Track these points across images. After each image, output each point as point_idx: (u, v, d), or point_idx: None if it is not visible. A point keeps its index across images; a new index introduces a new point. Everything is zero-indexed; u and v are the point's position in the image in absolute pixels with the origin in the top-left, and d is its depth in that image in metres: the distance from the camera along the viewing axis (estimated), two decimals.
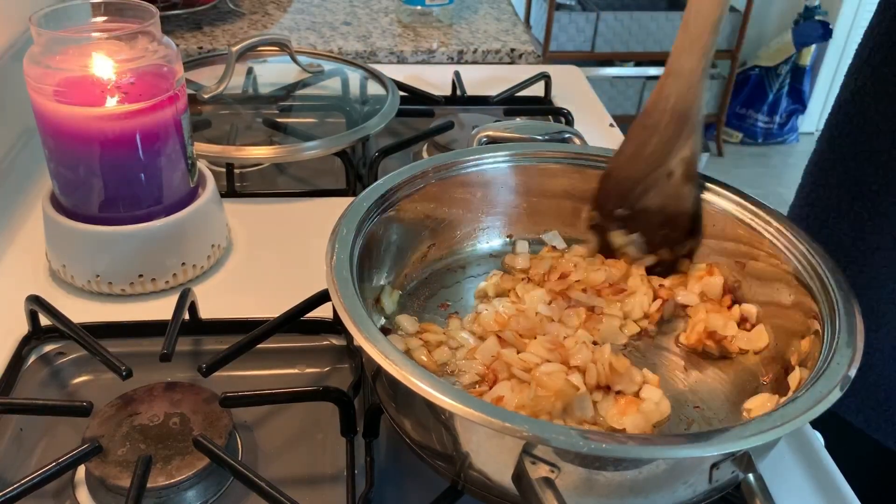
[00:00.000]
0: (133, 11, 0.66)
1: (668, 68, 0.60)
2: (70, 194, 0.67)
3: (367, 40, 1.29)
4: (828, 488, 0.56)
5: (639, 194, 0.63)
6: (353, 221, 0.56)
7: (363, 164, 0.93)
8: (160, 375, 0.60)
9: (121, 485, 0.49)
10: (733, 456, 0.42)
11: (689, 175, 0.62)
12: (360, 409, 0.58)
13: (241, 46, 0.93)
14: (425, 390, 0.42)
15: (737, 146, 3.60)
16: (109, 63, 0.63)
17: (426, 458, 0.49)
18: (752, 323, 0.60)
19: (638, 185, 0.63)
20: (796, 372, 0.53)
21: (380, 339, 0.45)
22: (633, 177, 0.63)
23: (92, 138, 0.63)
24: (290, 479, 0.54)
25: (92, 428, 0.53)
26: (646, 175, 0.62)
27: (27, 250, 0.75)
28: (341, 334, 0.65)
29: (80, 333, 0.58)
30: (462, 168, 0.65)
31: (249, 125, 0.96)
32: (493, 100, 1.07)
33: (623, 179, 0.64)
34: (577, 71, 1.23)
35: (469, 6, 1.47)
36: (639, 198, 0.63)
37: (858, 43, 0.79)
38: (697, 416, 0.55)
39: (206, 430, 0.53)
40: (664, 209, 0.62)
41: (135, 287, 0.69)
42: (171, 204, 0.69)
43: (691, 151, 0.61)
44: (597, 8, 3.14)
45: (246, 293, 0.71)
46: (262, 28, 1.33)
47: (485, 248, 0.69)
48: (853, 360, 0.46)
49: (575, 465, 0.41)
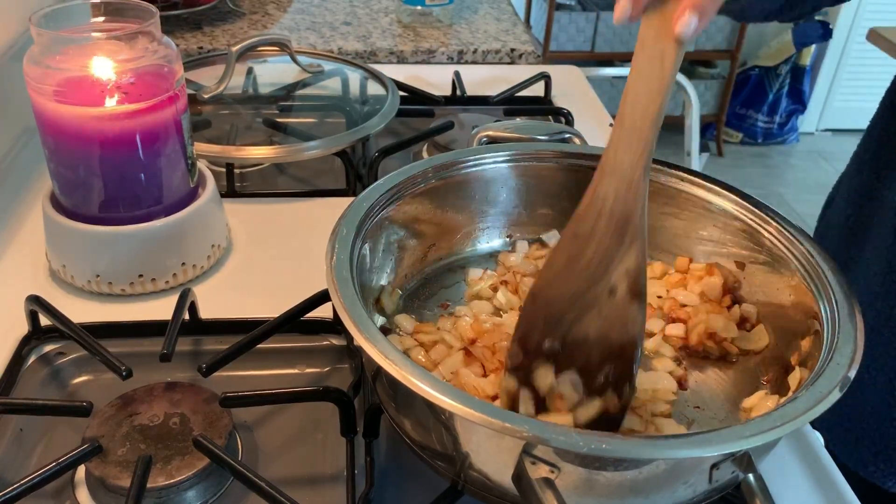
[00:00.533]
0: (133, 11, 0.66)
1: (603, 166, 0.51)
2: (70, 194, 0.67)
3: (367, 40, 1.29)
4: (828, 488, 0.56)
5: (572, 319, 0.50)
6: (354, 221, 0.56)
7: (363, 164, 0.93)
8: (160, 375, 0.60)
9: (121, 485, 0.49)
10: (733, 456, 0.42)
11: (635, 291, 0.50)
12: (360, 409, 0.58)
13: (241, 46, 0.93)
14: (425, 391, 0.42)
15: (737, 146, 3.60)
16: (109, 63, 0.63)
17: (426, 458, 0.49)
18: (752, 323, 0.60)
19: (571, 308, 0.50)
20: (796, 372, 0.53)
21: (380, 339, 0.45)
22: (564, 296, 0.51)
23: (92, 138, 0.63)
24: (290, 479, 0.54)
25: (92, 428, 0.53)
26: (581, 294, 0.50)
27: (27, 250, 0.75)
28: (341, 334, 0.65)
29: (80, 333, 0.58)
30: (462, 168, 0.65)
31: (249, 125, 0.96)
32: (493, 100, 1.07)
33: (552, 301, 0.51)
34: (577, 71, 1.23)
35: (469, 6, 1.47)
36: (572, 324, 0.50)
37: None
38: (697, 417, 0.55)
39: (206, 430, 0.53)
40: (606, 337, 0.50)
41: (135, 287, 0.69)
42: (171, 204, 0.69)
43: (636, 262, 0.50)
44: (597, 8, 3.14)
45: (246, 293, 0.71)
46: (262, 28, 1.33)
47: (485, 247, 0.69)
48: (853, 360, 0.46)
49: (575, 466, 0.41)
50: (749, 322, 0.60)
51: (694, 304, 0.62)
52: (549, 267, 0.52)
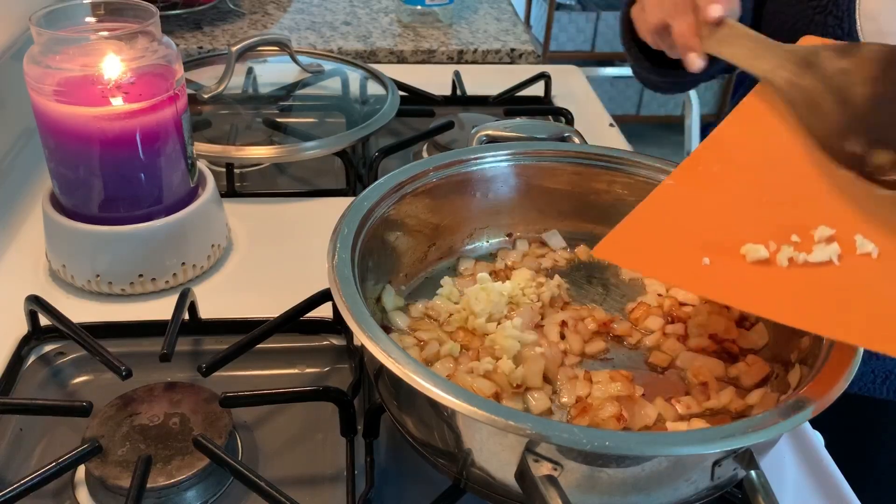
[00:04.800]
0: (133, 11, 0.66)
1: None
2: (70, 194, 0.67)
3: (367, 40, 1.29)
4: (828, 488, 0.56)
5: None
6: (355, 221, 0.56)
7: (363, 164, 0.93)
8: (160, 375, 0.59)
9: (121, 485, 0.49)
10: (735, 453, 0.42)
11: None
12: (360, 409, 0.58)
13: (240, 46, 0.93)
14: (428, 388, 0.42)
15: None
16: (109, 63, 0.63)
17: (428, 456, 0.49)
18: (752, 322, 0.60)
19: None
20: (796, 369, 0.53)
21: (382, 337, 0.45)
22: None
23: (92, 138, 0.63)
24: (290, 479, 0.54)
25: (92, 428, 0.53)
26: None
27: (27, 250, 0.75)
28: (341, 334, 0.65)
29: (80, 333, 0.58)
30: (462, 167, 0.65)
31: (249, 125, 0.96)
32: (493, 100, 1.07)
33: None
34: (577, 71, 1.23)
35: (469, 6, 1.47)
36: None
37: None
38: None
39: (206, 430, 0.53)
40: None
41: (135, 287, 0.69)
42: (171, 204, 0.69)
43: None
44: (597, 8, 3.14)
45: (246, 293, 0.71)
46: (262, 28, 1.33)
47: (485, 247, 0.69)
48: (854, 357, 0.46)
49: (578, 463, 0.41)
50: (749, 320, 0.60)
51: (694, 303, 0.62)
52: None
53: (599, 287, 0.66)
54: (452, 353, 0.57)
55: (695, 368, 0.56)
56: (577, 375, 0.55)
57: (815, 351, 0.50)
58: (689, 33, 0.63)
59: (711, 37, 0.62)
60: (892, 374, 0.79)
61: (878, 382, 0.80)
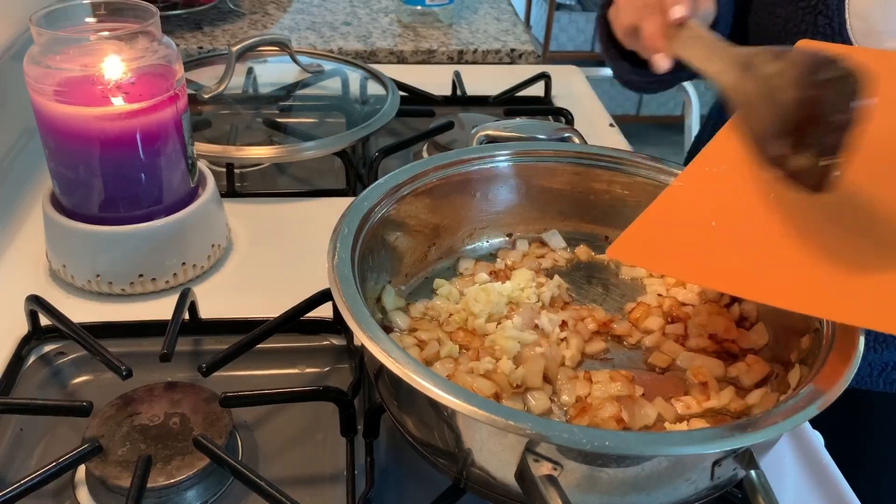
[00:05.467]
0: (133, 11, 0.66)
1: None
2: (70, 194, 0.67)
3: (367, 40, 1.29)
4: (828, 488, 0.56)
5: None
6: (355, 221, 0.56)
7: (363, 164, 0.93)
8: (160, 375, 0.59)
9: (121, 485, 0.49)
10: (735, 453, 0.42)
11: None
12: (360, 409, 0.58)
13: (241, 46, 0.93)
14: (428, 388, 0.42)
15: None
16: (109, 63, 0.63)
17: (428, 455, 0.49)
18: (752, 321, 0.60)
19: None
20: (796, 369, 0.53)
21: (382, 337, 0.45)
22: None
23: (92, 138, 0.63)
24: (290, 479, 0.54)
25: (92, 428, 0.53)
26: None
27: (27, 250, 0.75)
28: (341, 334, 0.65)
29: (80, 333, 0.58)
30: (463, 167, 0.65)
31: (249, 125, 0.96)
32: (493, 100, 1.07)
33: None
34: (577, 71, 1.23)
35: (469, 6, 1.47)
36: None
37: None
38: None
39: (206, 430, 0.53)
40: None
41: (135, 287, 0.69)
42: (171, 204, 0.69)
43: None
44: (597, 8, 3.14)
45: (246, 293, 0.71)
46: (262, 28, 1.33)
47: (485, 246, 0.69)
48: (853, 357, 0.46)
49: (578, 463, 0.41)
50: (748, 320, 0.60)
51: (694, 303, 0.62)
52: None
53: (599, 287, 0.66)
54: (452, 354, 0.57)
55: (695, 368, 0.56)
56: (577, 375, 0.55)
57: (815, 351, 0.50)
58: (655, 34, 0.63)
59: (676, 38, 0.62)
60: (888, 366, 0.80)
61: (874, 375, 0.80)
